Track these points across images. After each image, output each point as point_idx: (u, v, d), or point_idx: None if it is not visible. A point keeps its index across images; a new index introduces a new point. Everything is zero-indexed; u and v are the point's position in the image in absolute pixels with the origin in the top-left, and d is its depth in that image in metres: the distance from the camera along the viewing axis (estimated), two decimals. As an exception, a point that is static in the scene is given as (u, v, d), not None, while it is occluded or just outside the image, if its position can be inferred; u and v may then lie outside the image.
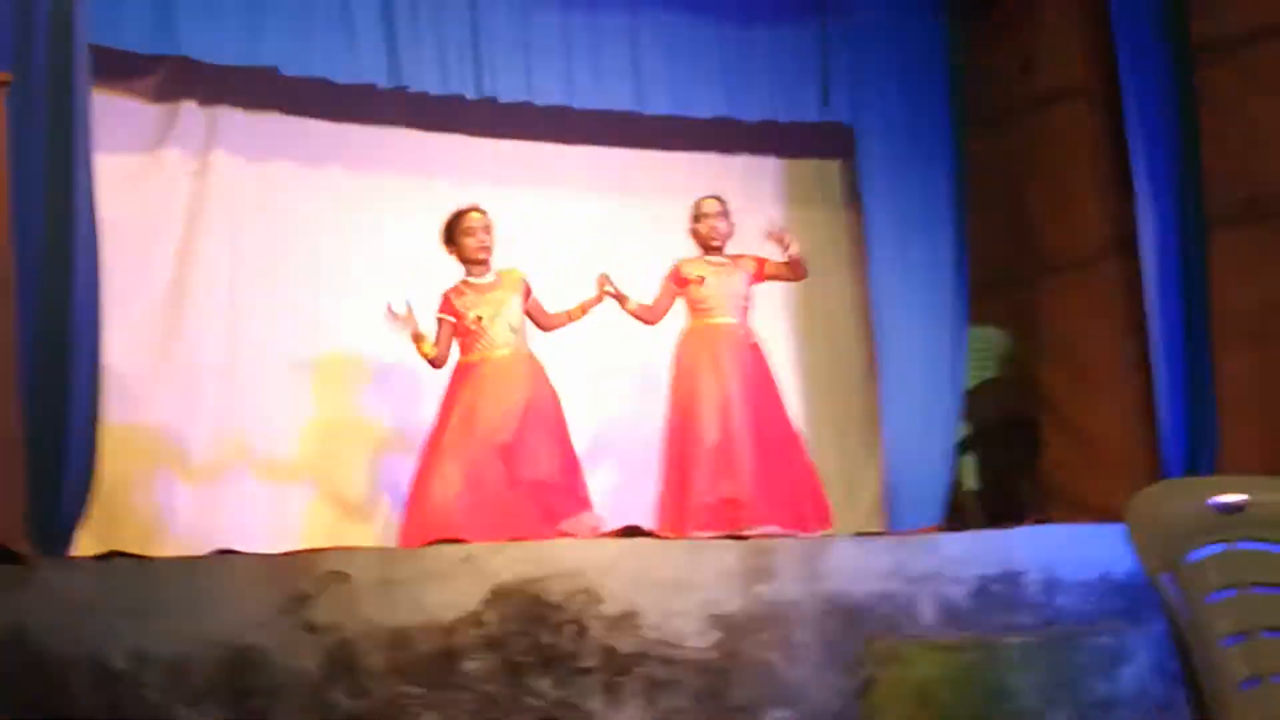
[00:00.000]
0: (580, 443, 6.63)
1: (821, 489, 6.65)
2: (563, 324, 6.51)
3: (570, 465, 6.25)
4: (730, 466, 6.29)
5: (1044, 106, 7.81)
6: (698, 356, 6.49)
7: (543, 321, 6.48)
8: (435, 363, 6.22)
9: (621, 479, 7.19)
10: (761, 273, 6.73)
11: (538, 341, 6.52)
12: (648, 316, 6.64)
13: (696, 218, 6.70)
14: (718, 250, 6.69)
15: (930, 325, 7.53)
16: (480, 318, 6.20)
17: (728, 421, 6.35)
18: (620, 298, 6.55)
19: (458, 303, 6.26)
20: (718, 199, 6.74)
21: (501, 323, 6.23)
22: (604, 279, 6.50)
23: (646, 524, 6.18)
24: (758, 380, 6.55)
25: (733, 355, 6.50)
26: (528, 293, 6.40)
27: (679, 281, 6.63)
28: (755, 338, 6.67)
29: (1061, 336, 7.71)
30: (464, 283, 6.33)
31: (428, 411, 6.37)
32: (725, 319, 6.57)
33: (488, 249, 6.32)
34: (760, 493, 6.26)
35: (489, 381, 6.14)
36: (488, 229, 6.32)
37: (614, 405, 7.42)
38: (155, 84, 6.77)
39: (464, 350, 6.26)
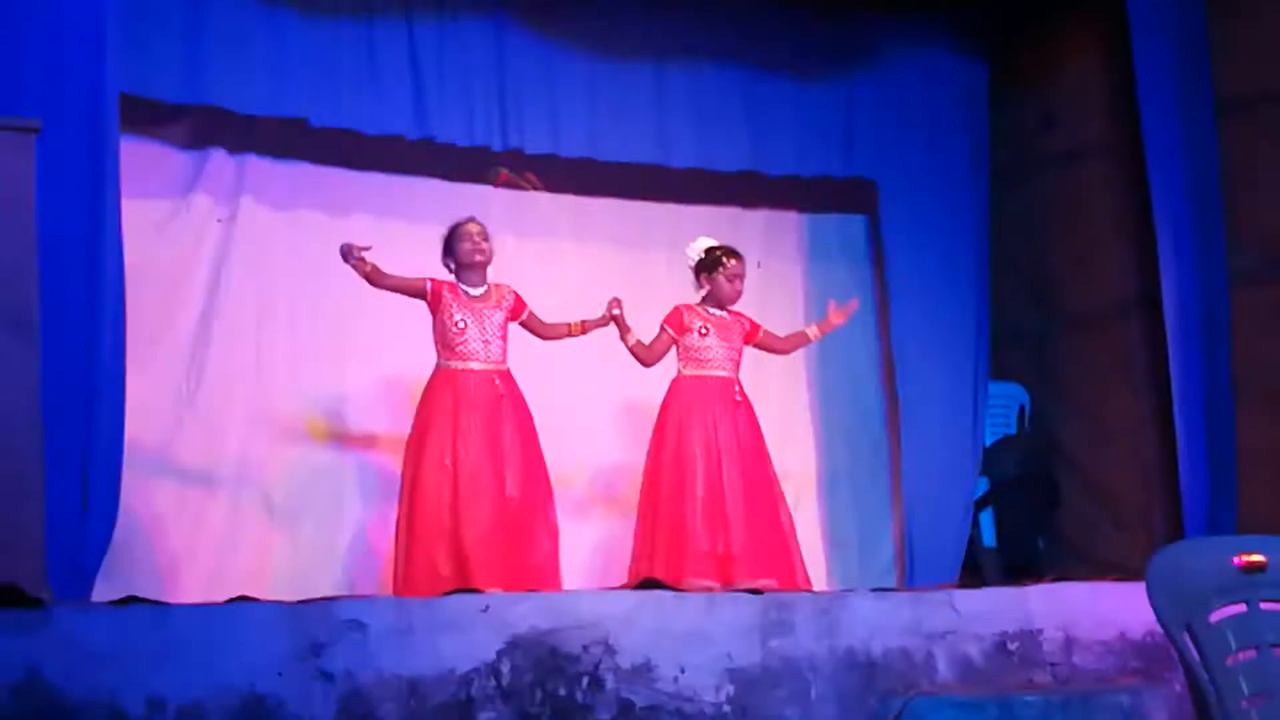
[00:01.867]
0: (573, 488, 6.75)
1: (795, 555, 6.46)
2: (562, 336, 6.42)
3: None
4: (723, 521, 6.22)
5: (1067, 162, 7.85)
6: (693, 407, 6.37)
7: (541, 331, 6.39)
8: (364, 264, 6.04)
9: (609, 525, 7.21)
10: (754, 337, 6.61)
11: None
12: (644, 356, 6.49)
13: (730, 272, 6.49)
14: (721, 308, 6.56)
15: (951, 380, 7.57)
16: (464, 324, 6.16)
17: (720, 475, 6.27)
18: (625, 327, 6.41)
19: (446, 295, 6.16)
20: (741, 257, 6.57)
21: (482, 335, 6.14)
22: (615, 302, 6.38)
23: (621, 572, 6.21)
24: (750, 437, 6.44)
25: (728, 409, 6.40)
26: (519, 307, 6.29)
27: (679, 328, 6.48)
28: (745, 394, 6.54)
29: (1082, 392, 7.72)
30: (458, 287, 6.23)
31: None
32: (721, 372, 6.45)
33: (484, 253, 6.20)
34: (750, 549, 6.20)
35: (469, 418, 6.04)
36: (484, 236, 6.21)
37: (604, 449, 7.42)
38: (184, 132, 6.82)
39: (445, 352, 6.15)
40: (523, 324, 6.32)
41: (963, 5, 7.85)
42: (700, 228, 7.70)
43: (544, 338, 6.42)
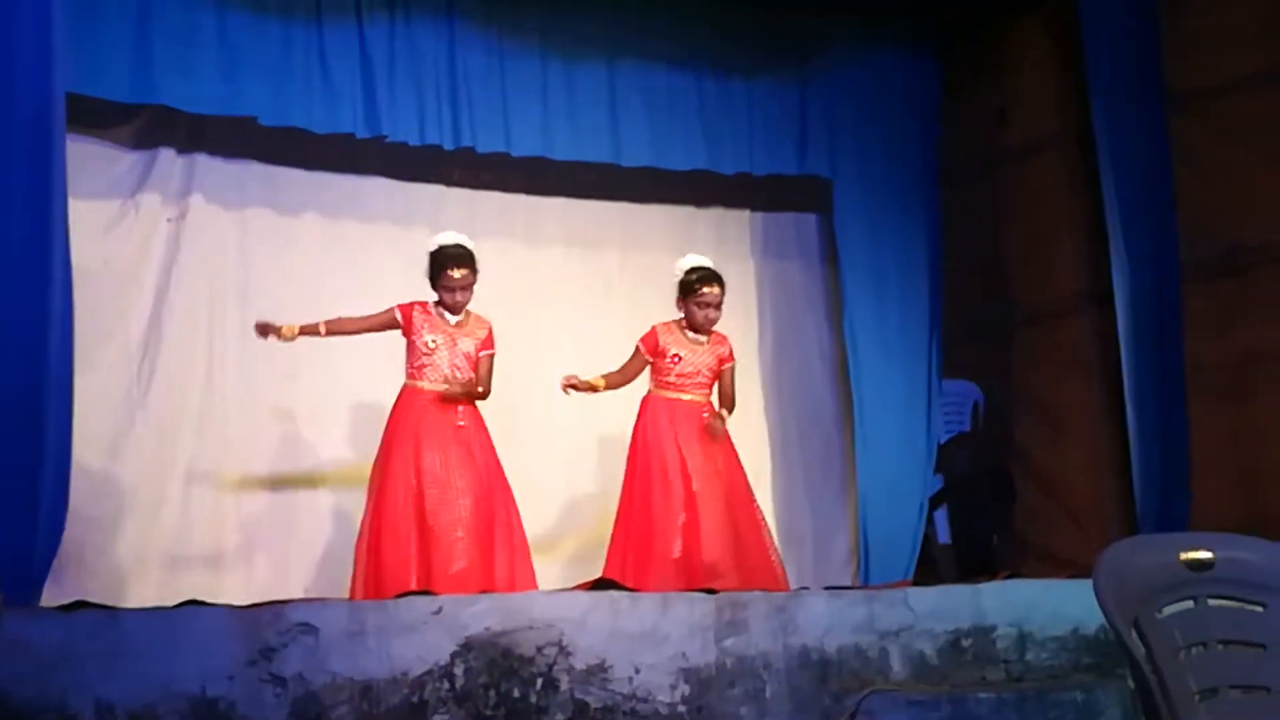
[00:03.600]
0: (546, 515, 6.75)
1: (780, 571, 6.46)
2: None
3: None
4: (698, 539, 6.18)
5: (1019, 158, 7.88)
6: (663, 429, 6.35)
7: (485, 380, 6.22)
8: (299, 330, 6.07)
9: (583, 550, 7.16)
10: (722, 364, 6.50)
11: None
12: (620, 383, 6.47)
13: (701, 300, 6.39)
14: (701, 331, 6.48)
15: (905, 378, 7.58)
16: (435, 344, 6.14)
17: (694, 493, 6.24)
18: (589, 387, 6.36)
19: (418, 317, 6.15)
20: (720, 283, 6.46)
21: (452, 359, 6.12)
22: (569, 383, 6.30)
23: None
24: (725, 455, 6.42)
25: (696, 428, 6.37)
26: (488, 341, 6.23)
27: (653, 349, 6.44)
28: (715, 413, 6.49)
29: (1035, 388, 7.75)
30: (436, 309, 6.20)
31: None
32: (693, 396, 6.43)
33: (462, 306, 6.19)
34: (726, 564, 6.16)
35: (434, 435, 6.03)
36: (466, 288, 6.17)
37: (577, 477, 7.40)
38: (134, 131, 6.79)
39: (412, 372, 6.15)
40: (477, 358, 6.19)
41: (914, 3, 7.86)
42: (653, 227, 7.75)
43: (481, 385, 6.23)
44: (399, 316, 6.16)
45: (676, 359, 6.42)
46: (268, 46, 6.60)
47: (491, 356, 6.24)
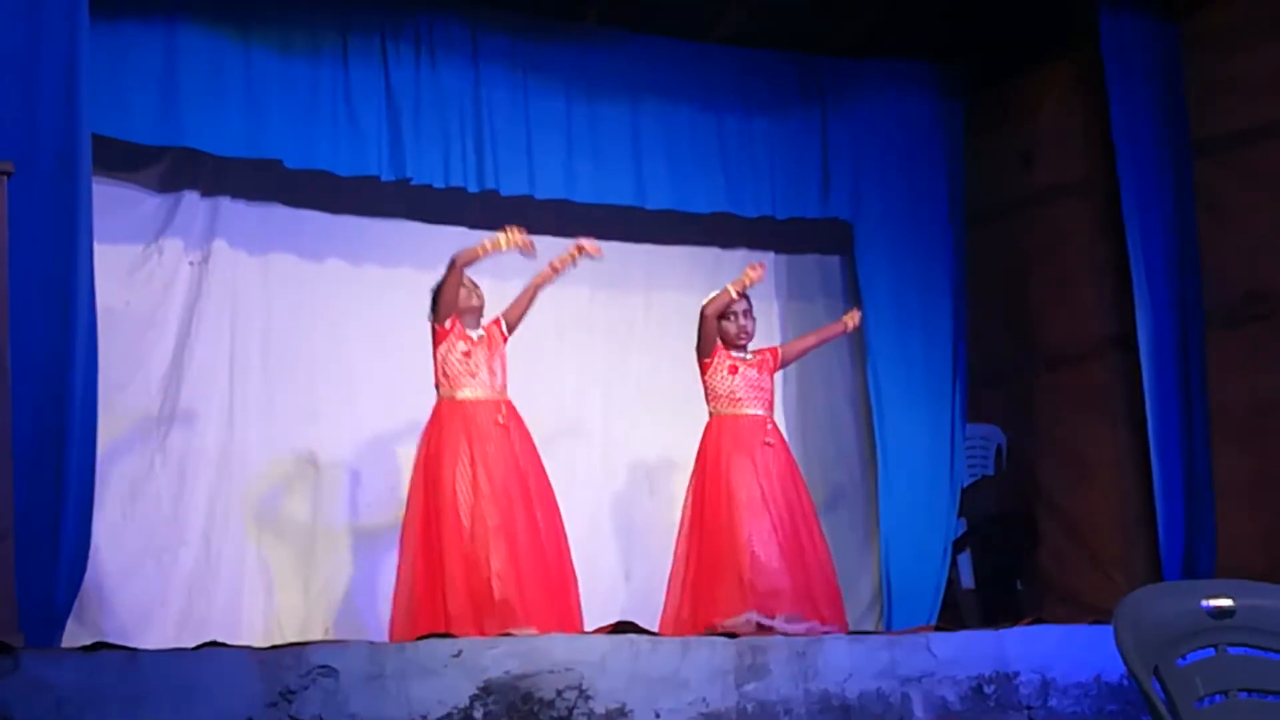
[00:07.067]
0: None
1: (837, 588, 6.47)
2: (533, 294, 6.37)
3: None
4: (763, 570, 6.14)
5: (1043, 202, 7.87)
6: (729, 447, 6.32)
7: (517, 310, 6.33)
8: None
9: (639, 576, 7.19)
10: (776, 358, 6.60)
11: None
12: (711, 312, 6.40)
13: (724, 315, 6.42)
14: (742, 348, 6.48)
15: (928, 421, 7.56)
16: (470, 352, 6.12)
17: (764, 514, 6.22)
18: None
19: (457, 326, 6.13)
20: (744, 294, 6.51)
21: (488, 364, 6.11)
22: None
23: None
24: (789, 477, 6.42)
25: (762, 450, 6.36)
26: (498, 325, 6.25)
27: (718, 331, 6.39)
28: (780, 432, 6.55)
29: (1059, 432, 7.72)
30: (461, 325, 6.19)
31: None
32: (753, 410, 6.41)
33: (479, 313, 6.22)
34: (797, 588, 6.16)
35: (481, 448, 5.99)
36: (479, 299, 6.24)
37: (600, 519, 7.44)
38: (158, 174, 6.84)
39: (448, 383, 6.08)
40: (508, 321, 6.26)
41: (939, 46, 7.88)
42: (677, 269, 7.76)
43: (523, 310, 6.32)
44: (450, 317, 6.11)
45: (735, 369, 6.39)
46: (293, 89, 6.63)
47: (501, 317, 6.29)
